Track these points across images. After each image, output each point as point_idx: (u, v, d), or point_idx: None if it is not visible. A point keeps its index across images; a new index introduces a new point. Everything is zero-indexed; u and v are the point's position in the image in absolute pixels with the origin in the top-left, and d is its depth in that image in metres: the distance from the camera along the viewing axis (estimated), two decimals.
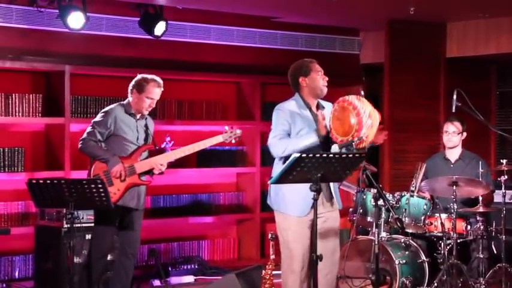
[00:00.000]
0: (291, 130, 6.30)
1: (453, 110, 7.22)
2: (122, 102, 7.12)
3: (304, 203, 6.17)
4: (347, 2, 8.65)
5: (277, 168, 6.24)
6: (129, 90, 7.09)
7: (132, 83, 7.08)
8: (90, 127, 7.00)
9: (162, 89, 7.14)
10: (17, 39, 8.23)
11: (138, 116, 7.11)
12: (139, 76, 7.10)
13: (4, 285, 7.98)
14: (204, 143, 7.24)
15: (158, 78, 7.11)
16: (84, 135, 6.99)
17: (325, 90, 6.45)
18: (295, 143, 6.19)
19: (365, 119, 5.99)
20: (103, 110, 7.09)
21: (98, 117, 7.04)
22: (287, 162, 5.66)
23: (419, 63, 10.05)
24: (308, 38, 10.16)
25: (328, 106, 6.54)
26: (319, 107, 6.46)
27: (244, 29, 9.66)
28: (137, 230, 7.15)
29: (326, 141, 6.17)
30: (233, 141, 7.35)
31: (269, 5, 9.08)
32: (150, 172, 7.09)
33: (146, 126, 7.20)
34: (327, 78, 6.44)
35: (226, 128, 7.34)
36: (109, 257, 7.05)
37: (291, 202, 6.29)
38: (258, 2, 8.86)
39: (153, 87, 7.04)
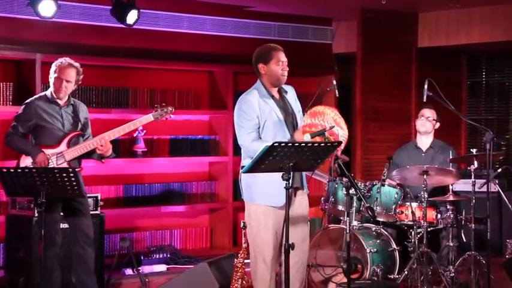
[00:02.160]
0: (259, 122, 6.33)
1: (424, 100, 7.29)
2: (44, 92, 7.14)
3: (280, 195, 6.16)
4: None
5: (246, 162, 6.29)
6: (49, 77, 7.08)
7: (52, 67, 7.06)
8: (14, 121, 7.03)
9: (78, 70, 7.05)
10: None
11: (61, 103, 7.09)
12: (57, 61, 7.09)
13: None
14: (135, 123, 7.19)
15: (71, 60, 7.07)
16: (9, 129, 7.02)
17: (283, 79, 6.43)
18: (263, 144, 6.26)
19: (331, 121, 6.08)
20: (24, 102, 7.10)
21: (20, 110, 7.07)
22: (259, 151, 5.68)
23: (391, 53, 10.11)
24: (281, 27, 10.17)
25: (290, 90, 6.57)
26: (281, 92, 6.49)
27: (217, 18, 9.64)
28: (86, 215, 7.11)
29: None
30: (166, 118, 7.31)
31: None
32: (99, 157, 7.09)
33: (73, 112, 7.17)
34: (287, 69, 6.44)
35: (157, 105, 7.36)
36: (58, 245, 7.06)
37: (267, 194, 6.29)
38: None
39: (66, 68, 6.99)
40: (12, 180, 6.50)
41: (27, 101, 7.06)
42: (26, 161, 6.96)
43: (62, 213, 6.98)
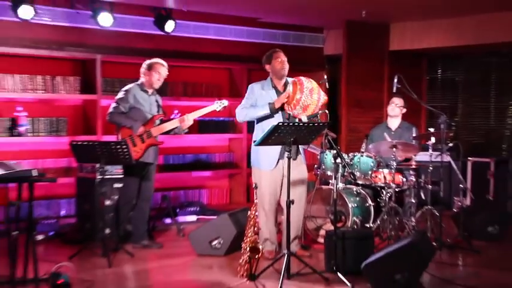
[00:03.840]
0: (256, 103, 6.51)
1: (394, 91, 7.29)
2: (137, 82, 7.16)
3: (270, 160, 6.42)
4: (314, 7, 8.67)
5: (257, 130, 6.53)
6: (141, 72, 7.12)
7: (143, 65, 7.12)
8: (115, 103, 7.06)
9: (166, 67, 7.15)
10: (60, 34, 8.28)
11: (149, 92, 7.15)
12: (147, 61, 7.13)
13: (54, 220, 8.07)
14: (207, 109, 7.26)
15: (162, 62, 7.15)
16: (111, 109, 7.05)
17: (284, 72, 6.60)
18: (253, 111, 6.50)
19: (306, 92, 6.12)
20: (123, 89, 7.14)
21: (120, 95, 7.09)
22: (267, 129, 5.73)
23: (369, 55, 10.07)
24: (284, 34, 10.19)
25: (291, 81, 6.62)
26: (286, 85, 6.55)
27: (235, 27, 9.69)
28: (152, 180, 7.23)
29: (277, 112, 6.42)
30: (221, 109, 7.36)
31: (254, 9, 9.10)
32: (170, 132, 7.16)
33: (157, 101, 7.24)
34: (286, 65, 6.56)
35: (217, 100, 7.40)
36: (134, 201, 7.12)
37: (262, 160, 6.53)
38: (246, 7, 8.87)
39: (160, 66, 7.08)
40: (80, 150, 6.59)
41: (126, 87, 7.13)
42: (124, 134, 7.01)
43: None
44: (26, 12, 7.61)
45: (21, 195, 5.38)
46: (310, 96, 6.12)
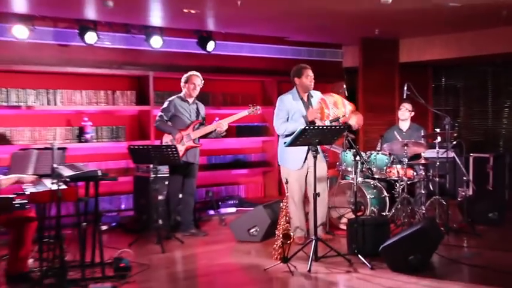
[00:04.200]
0: (288, 114, 6.44)
1: (404, 97, 7.21)
2: (179, 94, 7.20)
3: (297, 162, 6.40)
4: (334, 27, 8.63)
5: (282, 141, 6.50)
6: (181, 85, 7.15)
7: (182, 79, 7.16)
8: (160, 112, 7.13)
9: (200, 77, 7.15)
10: (119, 55, 8.34)
11: (190, 102, 7.16)
12: (184, 75, 7.17)
13: (116, 213, 8.13)
14: (239, 115, 7.25)
15: (196, 73, 7.16)
16: (157, 117, 7.13)
17: (311, 87, 6.56)
18: (292, 126, 6.35)
19: (331, 106, 6.11)
20: (167, 100, 7.19)
21: (164, 105, 7.16)
22: (295, 132, 5.70)
23: (382, 66, 9.99)
24: (308, 50, 10.13)
25: (316, 95, 6.63)
26: (309, 97, 6.52)
27: (266, 45, 9.65)
28: (194, 177, 7.22)
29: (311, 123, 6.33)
30: (254, 113, 7.31)
31: (282, 30, 9.07)
32: (208, 135, 7.17)
33: (197, 109, 7.24)
34: (313, 81, 6.52)
35: (250, 106, 7.38)
36: (180, 195, 7.13)
37: (290, 161, 6.50)
38: (275, 28, 8.85)
39: (195, 77, 7.10)
40: (137, 153, 6.61)
41: (169, 99, 7.18)
42: (166, 139, 7.07)
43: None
44: (90, 37, 7.74)
45: (88, 192, 5.42)
46: (336, 108, 6.12)
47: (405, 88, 7.08)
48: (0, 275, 5.29)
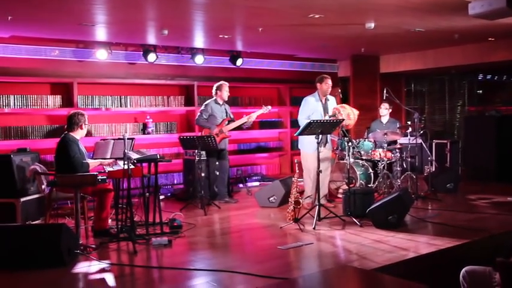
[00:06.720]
0: (310, 113, 6.25)
1: (384, 98, 7.08)
2: (213, 98, 7.10)
3: (312, 147, 6.12)
4: (330, 48, 8.48)
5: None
6: (213, 91, 7.05)
7: (214, 87, 7.05)
8: (200, 112, 7.05)
9: (227, 84, 7.04)
10: (172, 69, 8.26)
11: (221, 104, 7.06)
12: (215, 84, 7.06)
13: (170, 186, 8.09)
14: (257, 112, 7.17)
15: (225, 82, 7.06)
16: (197, 116, 7.05)
17: (328, 92, 6.42)
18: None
19: (345, 117, 5.97)
20: (205, 103, 7.10)
21: (202, 107, 7.09)
22: (304, 125, 5.60)
23: (367, 76, 9.82)
24: (311, 64, 9.92)
25: (331, 99, 6.51)
26: (326, 100, 6.39)
27: (280, 61, 9.50)
28: (227, 159, 7.12)
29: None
30: (267, 111, 7.21)
31: (293, 49, 8.94)
32: (241, 126, 7.06)
33: (225, 109, 7.14)
34: (330, 88, 6.36)
35: (263, 106, 7.30)
36: (217, 173, 7.06)
37: (307, 146, 6.30)
38: (287, 48, 8.72)
39: (224, 85, 7.01)
40: (185, 142, 6.54)
41: (206, 102, 7.09)
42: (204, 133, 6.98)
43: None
44: (151, 57, 7.69)
45: (150, 171, 5.40)
46: (348, 118, 6.00)
47: (385, 92, 6.96)
48: (89, 230, 5.31)
